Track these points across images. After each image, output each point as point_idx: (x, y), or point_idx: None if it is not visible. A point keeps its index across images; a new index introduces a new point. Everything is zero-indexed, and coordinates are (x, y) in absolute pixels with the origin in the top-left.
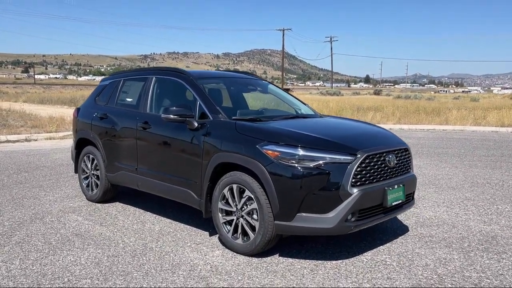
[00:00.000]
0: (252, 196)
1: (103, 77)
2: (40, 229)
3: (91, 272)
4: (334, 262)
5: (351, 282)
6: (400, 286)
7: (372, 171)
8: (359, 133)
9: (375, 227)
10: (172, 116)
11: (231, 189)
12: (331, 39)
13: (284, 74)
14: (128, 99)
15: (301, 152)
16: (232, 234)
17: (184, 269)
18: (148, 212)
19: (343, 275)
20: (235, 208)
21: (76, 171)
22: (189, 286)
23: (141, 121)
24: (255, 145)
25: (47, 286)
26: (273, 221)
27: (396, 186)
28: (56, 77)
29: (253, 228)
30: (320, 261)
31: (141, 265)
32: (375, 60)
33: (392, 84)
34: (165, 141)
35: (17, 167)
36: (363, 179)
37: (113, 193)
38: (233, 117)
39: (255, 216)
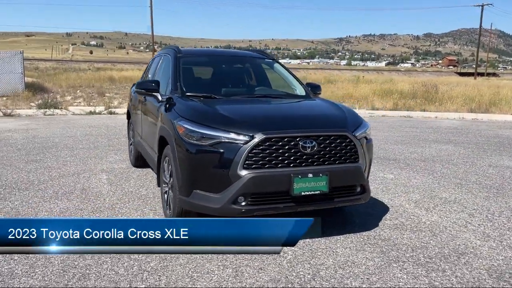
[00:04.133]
0: (171, 169)
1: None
2: (66, 182)
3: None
4: None
5: (217, 266)
6: (256, 278)
7: (274, 155)
8: (285, 114)
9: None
10: (138, 89)
11: (166, 162)
12: None
13: (497, 56)
14: (150, 75)
15: (199, 129)
16: (167, 205)
17: None
18: None
19: (220, 259)
20: (168, 180)
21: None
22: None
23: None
24: (173, 120)
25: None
26: (178, 195)
27: (311, 175)
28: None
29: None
30: None
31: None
32: None
33: None
34: (148, 113)
35: (121, 132)
36: (261, 162)
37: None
38: (187, 94)
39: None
